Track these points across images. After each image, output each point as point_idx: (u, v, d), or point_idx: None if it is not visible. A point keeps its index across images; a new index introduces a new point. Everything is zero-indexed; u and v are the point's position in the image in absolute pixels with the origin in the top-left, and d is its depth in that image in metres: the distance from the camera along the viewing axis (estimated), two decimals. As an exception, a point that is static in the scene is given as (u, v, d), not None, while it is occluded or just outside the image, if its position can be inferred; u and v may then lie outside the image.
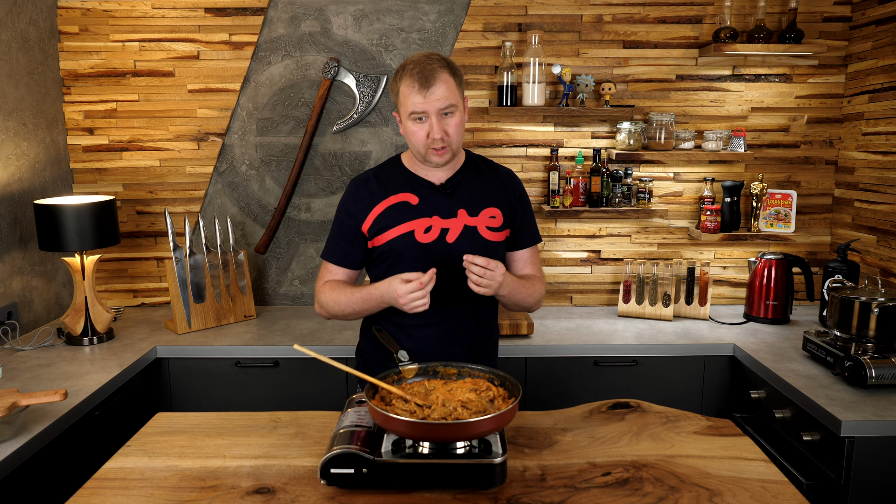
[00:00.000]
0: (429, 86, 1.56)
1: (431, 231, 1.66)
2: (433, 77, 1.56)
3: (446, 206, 1.68)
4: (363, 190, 1.71)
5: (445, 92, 1.57)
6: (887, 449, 1.74)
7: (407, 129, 1.63)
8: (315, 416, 1.56)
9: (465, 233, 1.67)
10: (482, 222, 1.69)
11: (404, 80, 1.59)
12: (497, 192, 1.74)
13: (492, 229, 1.70)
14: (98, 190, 2.78)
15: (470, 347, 1.72)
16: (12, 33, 2.41)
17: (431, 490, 1.21)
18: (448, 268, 1.63)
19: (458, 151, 1.66)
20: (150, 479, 1.28)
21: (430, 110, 1.57)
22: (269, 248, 2.83)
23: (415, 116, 1.59)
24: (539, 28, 2.70)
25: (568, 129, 2.78)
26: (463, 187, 1.71)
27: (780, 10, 2.69)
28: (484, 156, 1.83)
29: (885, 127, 2.52)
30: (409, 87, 1.57)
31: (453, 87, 1.60)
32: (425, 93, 1.56)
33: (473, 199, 1.70)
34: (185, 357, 2.35)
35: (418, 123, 1.59)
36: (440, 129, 1.58)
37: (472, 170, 1.74)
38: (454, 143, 1.62)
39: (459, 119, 1.62)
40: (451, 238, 1.66)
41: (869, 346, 1.99)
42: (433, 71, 1.57)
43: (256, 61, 2.71)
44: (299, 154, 2.72)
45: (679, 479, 1.27)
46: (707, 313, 2.66)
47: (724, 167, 2.82)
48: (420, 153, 1.63)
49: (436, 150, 1.60)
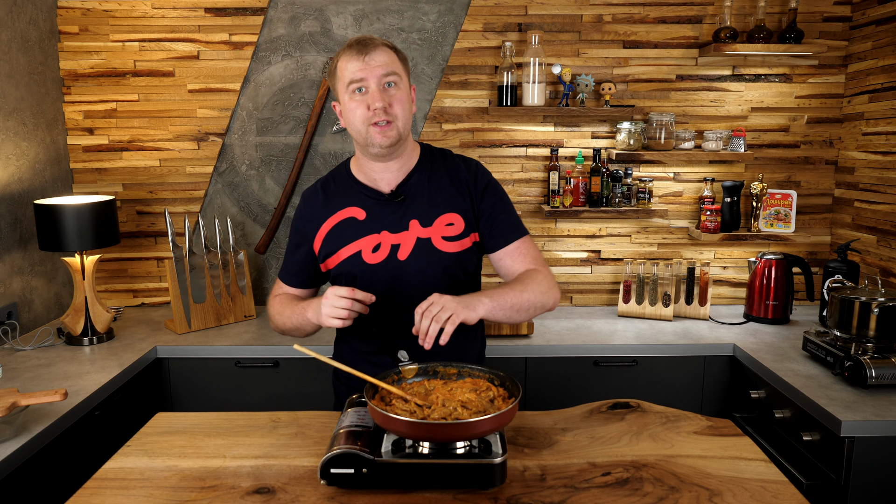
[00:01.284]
0: (367, 52, 1.42)
1: (380, 249, 1.50)
2: (372, 45, 1.44)
3: (396, 218, 1.51)
4: (312, 205, 1.58)
5: (386, 59, 1.43)
6: (887, 449, 1.74)
7: (346, 109, 1.46)
8: (315, 416, 1.56)
9: (418, 247, 1.49)
10: (437, 232, 1.50)
11: (342, 54, 1.46)
12: (454, 194, 1.54)
13: (449, 239, 1.51)
14: (98, 190, 2.78)
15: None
16: (12, 33, 2.41)
17: (431, 490, 1.21)
18: (404, 289, 1.49)
19: (405, 135, 1.48)
20: (150, 479, 1.28)
21: (369, 77, 1.42)
22: (269, 248, 2.83)
23: (353, 87, 1.43)
24: (539, 28, 2.70)
25: (568, 129, 2.78)
26: (415, 193, 1.52)
27: (780, 10, 2.69)
28: (446, 148, 1.64)
29: (885, 127, 2.52)
30: (347, 57, 1.44)
31: (395, 59, 1.46)
32: (364, 58, 1.42)
33: (426, 206, 1.51)
34: (185, 357, 2.35)
35: (357, 96, 1.43)
36: (381, 98, 1.41)
37: (427, 169, 1.55)
38: (400, 120, 1.44)
39: (404, 95, 1.46)
40: (402, 255, 1.49)
41: (869, 346, 1.98)
42: (372, 41, 1.45)
43: (256, 61, 2.71)
44: (299, 154, 2.72)
45: (679, 479, 1.27)
46: (707, 313, 2.66)
47: (724, 167, 2.82)
48: (361, 135, 1.45)
49: (378, 127, 1.42)
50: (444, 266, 1.51)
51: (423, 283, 1.49)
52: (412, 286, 1.49)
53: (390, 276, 1.50)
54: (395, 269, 1.50)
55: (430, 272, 1.51)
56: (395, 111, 1.44)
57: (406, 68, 1.50)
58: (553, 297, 1.51)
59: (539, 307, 1.48)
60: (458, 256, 1.52)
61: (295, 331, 1.58)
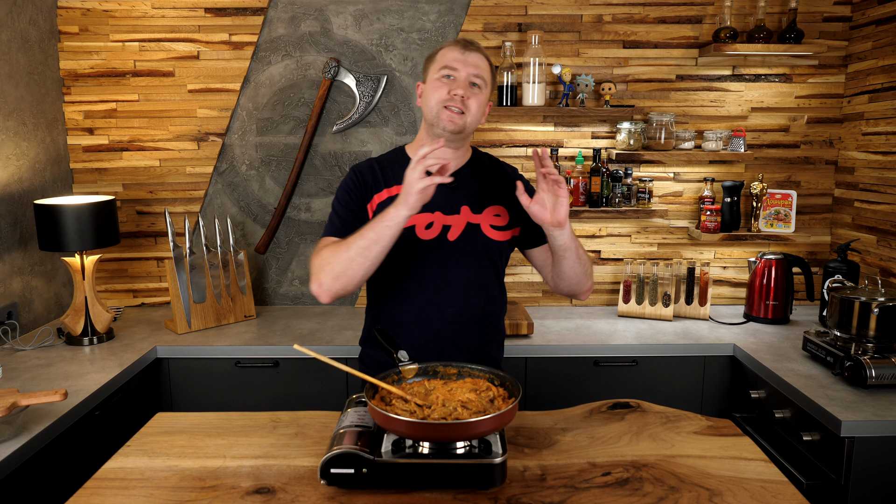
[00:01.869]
0: (470, 49, 1.58)
1: (433, 227, 1.59)
2: (475, 48, 1.59)
3: (449, 201, 1.61)
4: (366, 176, 1.64)
5: (481, 63, 1.58)
6: (887, 449, 1.74)
7: (429, 87, 1.59)
8: (315, 416, 1.56)
9: (467, 230, 1.61)
10: (486, 220, 1.63)
11: (446, 44, 1.61)
12: (503, 190, 1.67)
13: (496, 228, 1.64)
14: (98, 190, 2.78)
15: (473, 350, 1.64)
16: (12, 33, 2.41)
17: (431, 490, 1.21)
18: (448, 266, 1.59)
19: (469, 132, 1.60)
20: (150, 479, 1.28)
21: (461, 70, 1.55)
22: (269, 248, 2.83)
23: (445, 72, 1.56)
24: (539, 28, 2.70)
25: (568, 129, 2.78)
26: (468, 183, 1.65)
27: (780, 10, 2.69)
28: (491, 154, 1.79)
29: (885, 127, 2.52)
30: (450, 47, 1.59)
31: (488, 68, 1.61)
32: (465, 53, 1.57)
33: (478, 195, 1.64)
34: (185, 357, 2.35)
35: (444, 80, 1.56)
36: (465, 88, 1.55)
37: (478, 166, 1.69)
38: (471, 115, 1.57)
39: (483, 100, 1.59)
40: (452, 235, 1.60)
41: (869, 346, 1.98)
42: (477, 46, 1.61)
43: (256, 61, 2.71)
44: (299, 154, 2.72)
45: (679, 479, 1.27)
46: (707, 313, 2.66)
47: (724, 167, 2.82)
48: (433, 112, 1.56)
49: (450, 112, 1.54)
50: (487, 251, 1.62)
51: (466, 264, 1.61)
52: (456, 266, 1.58)
53: (438, 254, 1.59)
54: (444, 247, 1.59)
55: (476, 255, 1.62)
56: (469, 104, 1.56)
57: (493, 83, 1.65)
58: (591, 279, 1.66)
59: (584, 274, 1.61)
60: (500, 245, 1.65)
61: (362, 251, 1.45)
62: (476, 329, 1.65)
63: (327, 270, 1.49)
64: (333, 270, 1.48)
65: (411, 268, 1.60)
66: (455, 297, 1.61)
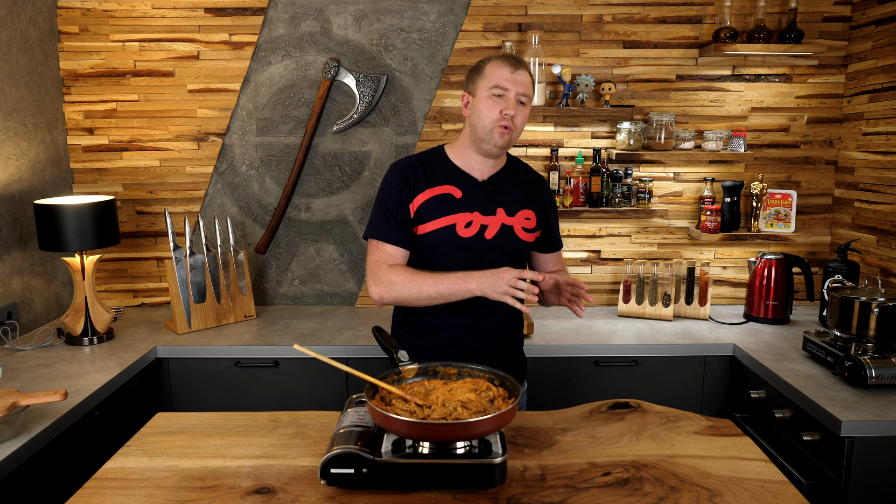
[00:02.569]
0: (518, 68, 1.65)
1: (472, 226, 1.70)
2: (522, 65, 1.67)
3: (487, 202, 1.72)
4: (409, 174, 1.73)
5: (528, 81, 1.67)
6: (887, 449, 1.74)
7: (480, 105, 1.66)
8: (315, 416, 1.56)
9: (502, 231, 1.72)
10: (518, 223, 1.74)
11: (493, 60, 1.68)
12: (532, 196, 1.79)
13: (526, 230, 1.76)
14: (98, 190, 2.78)
15: (499, 338, 1.76)
16: (12, 33, 2.41)
17: (431, 490, 1.21)
18: (484, 263, 1.68)
19: (512, 144, 1.71)
20: (150, 479, 1.28)
21: (512, 89, 1.64)
22: (269, 248, 2.83)
23: (497, 91, 1.64)
24: (539, 28, 2.70)
25: (568, 129, 2.78)
26: (503, 186, 1.75)
27: (780, 10, 2.69)
28: (520, 159, 1.88)
29: (885, 127, 2.52)
30: (500, 65, 1.66)
31: (532, 84, 1.70)
32: (515, 71, 1.65)
33: (512, 199, 1.75)
34: (185, 357, 2.35)
35: (496, 99, 1.64)
36: (515, 108, 1.64)
37: (512, 171, 1.80)
38: (517, 131, 1.67)
39: (527, 114, 1.69)
40: (489, 235, 1.71)
41: (869, 346, 1.98)
42: (524, 63, 1.69)
43: (256, 61, 2.71)
44: (299, 154, 2.72)
45: (679, 479, 1.27)
46: (707, 313, 2.66)
47: (724, 167, 2.82)
48: (486, 130, 1.65)
49: (502, 129, 1.64)
50: (517, 250, 1.75)
51: (500, 262, 1.70)
52: (492, 261, 1.69)
53: (475, 250, 1.70)
54: (481, 245, 1.70)
55: (508, 253, 1.74)
56: (517, 122, 1.67)
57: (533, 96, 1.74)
58: None
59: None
60: (528, 246, 1.79)
61: (426, 300, 1.65)
62: (503, 319, 1.77)
63: (393, 292, 1.66)
64: (399, 295, 1.66)
65: (450, 263, 1.70)
66: None
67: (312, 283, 2.86)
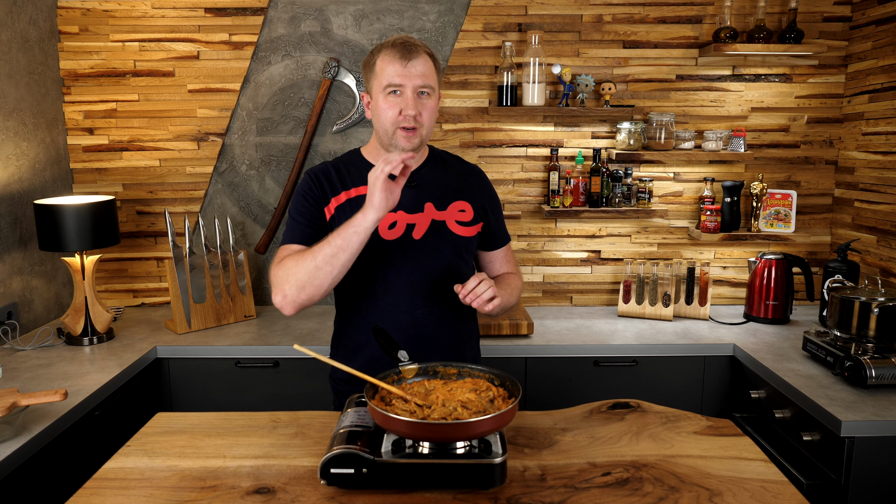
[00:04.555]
0: (410, 58, 1.49)
1: (396, 227, 1.56)
2: (415, 51, 1.50)
3: (412, 200, 1.58)
4: (323, 179, 1.60)
5: (425, 69, 1.50)
6: (887, 449, 1.74)
7: (377, 106, 1.53)
8: (315, 416, 1.56)
9: (432, 228, 1.58)
10: (451, 216, 1.60)
11: (383, 52, 1.52)
12: (466, 186, 1.66)
13: (462, 223, 1.61)
14: (98, 190, 2.78)
15: (447, 352, 1.61)
16: (12, 33, 2.41)
17: (431, 490, 1.21)
18: (416, 266, 1.56)
19: (426, 140, 1.57)
20: (150, 479, 1.28)
21: (407, 84, 1.49)
22: (269, 248, 2.83)
23: (390, 89, 1.50)
24: (539, 28, 2.70)
25: (568, 129, 2.78)
26: (429, 180, 1.62)
27: (780, 10, 2.69)
28: (447, 150, 1.77)
29: (885, 127, 2.52)
30: (389, 58, 1.50)
31: (432, 70, 1.53)
32: (406, 63, 1.48)
33: (441, 192, 1.61)
34: (185, 357, 2.35)
35: (392, 98, 1.50)
36: (414, 106, 1.49)
37: (438, 163, 1.66)
38: (425, 128, 1.53)
39: (434, 105, 1.54)
40: (417, 234, 1.57)
41: (869, 346, 1.98)
42: (415, 47, 1.51)
43: (256, 61, 2.71)
44: (299, 154, 2.72)
45: (679, 479, 1.27)
46: (707, 313, 2.66)
47: (724, 167, 2.82)
48: (387, 133, 1.53)
49: (405, 131, 1.50)
50: (455, 247, 1.60)
51: (436, 262, 1.58)
52: (425, 264, 1.56)
53: (405, 253, 1.56)
54: (410, 246, 1.56)
55: (444, 252, 1.59)
56: (423, 119, 1.52)
57: (439, 78, 1.58)
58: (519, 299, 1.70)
59: (511, 309, 1.71)
60: (468, 241, 1.63)
61: (328, 260, 1.41)
62: (447, 329, 1.62)
63: (292, 281, 1.43)
64: (299, 280, 1.43)
65: (377, 270, 1.56)
66: (424, 297, 1.58)
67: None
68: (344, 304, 1.67)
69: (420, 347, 1.55)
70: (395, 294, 1.58)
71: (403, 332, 1.56)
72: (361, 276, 1.56)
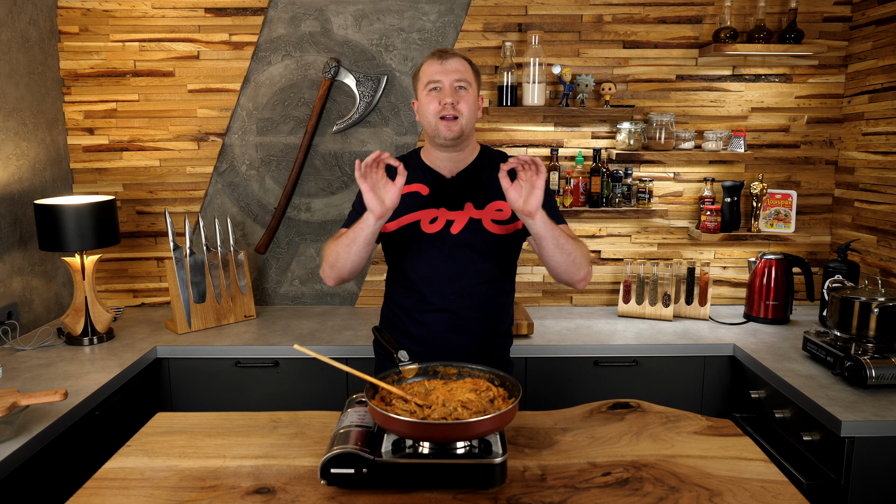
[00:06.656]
0: (446, 58, 1.67)
1: (437, 222, 1.71)
2: (451, 53, 1.69)
3: (454, 198, 1.73)
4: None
5: (460, 66, 1.67)
6: (887, 449, 1.74)
7: (421, 103, 1.69)
8: (315, 416, 1.56)
9: (469, 224, 1.70)
10: (487, 215, 1.72)
11: (425, 61, 1.71)
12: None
13: (497, 222, 1.72)
14: (98, 190, 2.78)
15: (478, 336, 1.73)
16: (12, 33, 2.41)
17: (431, 490, 1.21)
18: (451, 257, 1.69)
19: (468, 132, 1.69)
20: (150, 479, 1.28)
21: (444, 79, 1.65)
22: (269, 248, 2.83)
23: (430, 86, 1.66)
24: (539, 28, 2.70)
25: (568, 129, 2.78)
26: (472, 181, 1.75)
27: (780, 10, 2.69)
28: (504, 151, 1.86)
29: (885, 127, 2.52)
30: (429, 62, 1.69)
31: (468, 69, 1.69)
32: (442, 62, 1.66)
33: (481, 192, 1.74)
34: (185, 357, 2.35)
35: (433, 93, 1.66)
36: (452, 95, 1.64)
37: (485, 163, 1.77)
38: (464, 118, 1.66)
39: (472, 98, 1.68)
40: (455, 229, 1.70)
41: (869, 346, 1.98)
42: (452, 52, 1.70)
43: (256, 61, 2.71)
44: (299, 154, 2.72)
45: (679, 479, 1.27)
46: (707, 313, 2.66)
47: (724, 167, 2.82)
48: (431, 126, 1.67)
49: (446, 121, 1.64)
50: (488, 244, 1.71)
51: (468, 256, 1.71)
52: (459, 257, 1.70)
53: (441, 245, 1.70)
54: (447, 240, 1.70)
55: (478, 248, 1.71)
56: (461, 108, 1.65)
57: (478, 80, 1.73)
58: (586, 268, 1.67)
59: (572, 263, 1.62)
60: (502, 238, 1.73)
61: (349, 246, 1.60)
62: (481, 316, 1.74)
63: (327, 259, 1.68)
64: (328, 260, 1.68)
65: (416, 259, 1.72)
66: (456, 285, 1.71)
67: (312, 283, 2.86)
68: (388, 289, 1.85)
69: (452, 329, 1.71)
70: (431, 281, 1.72)
71: (438, 313, 1.71)
72: (403, 264, 1.74)
